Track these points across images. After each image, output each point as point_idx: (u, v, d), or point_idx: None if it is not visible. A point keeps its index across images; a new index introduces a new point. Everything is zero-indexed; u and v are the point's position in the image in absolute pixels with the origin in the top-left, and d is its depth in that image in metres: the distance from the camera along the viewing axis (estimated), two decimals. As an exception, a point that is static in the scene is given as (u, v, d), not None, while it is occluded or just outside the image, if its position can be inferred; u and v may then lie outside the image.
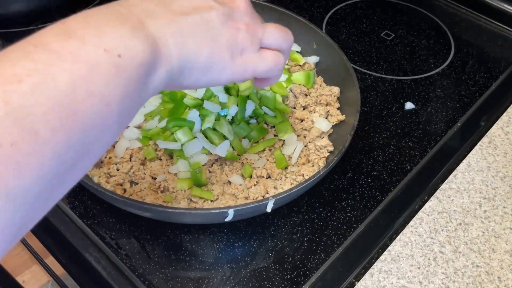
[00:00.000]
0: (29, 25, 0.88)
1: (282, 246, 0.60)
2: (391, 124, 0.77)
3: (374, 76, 0.86)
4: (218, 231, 0.61)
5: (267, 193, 0.62)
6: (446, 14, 1.02)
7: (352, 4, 1.02)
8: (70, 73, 0.29)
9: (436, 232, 0.62)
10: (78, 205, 0.63)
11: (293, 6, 1.00)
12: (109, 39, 0.31)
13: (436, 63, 0.90)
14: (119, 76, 0.31)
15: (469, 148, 0.74)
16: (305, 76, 0.76)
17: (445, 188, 0.68)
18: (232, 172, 0.64)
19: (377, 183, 0.68)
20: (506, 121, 0.78)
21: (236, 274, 0.57)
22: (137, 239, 0.60)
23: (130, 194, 0.60)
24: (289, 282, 0.57)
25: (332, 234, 0.62)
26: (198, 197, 0.61)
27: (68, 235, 0.60)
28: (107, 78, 0.30)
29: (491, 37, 0.97)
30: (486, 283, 0.58)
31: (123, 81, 0.32)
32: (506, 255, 0.60)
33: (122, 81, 0.32)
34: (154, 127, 0.66)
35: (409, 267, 0.58)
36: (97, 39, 0.31)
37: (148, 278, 0.56)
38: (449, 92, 0.84)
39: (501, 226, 0.64)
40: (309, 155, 0.67)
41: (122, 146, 0.65)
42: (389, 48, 0.92)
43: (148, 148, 0.64)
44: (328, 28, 0.96)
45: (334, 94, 0.73)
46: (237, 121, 0.67)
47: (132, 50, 0.32)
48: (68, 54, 0.29)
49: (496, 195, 0.67)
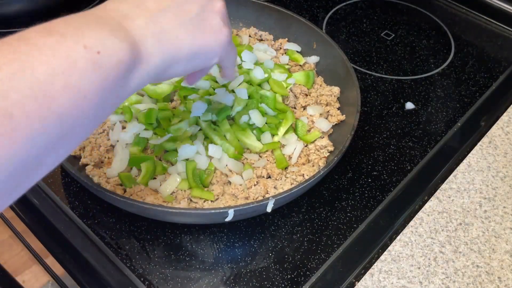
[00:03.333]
0: (29, 25, 0.88)
1: (282, 246, 0.60)
2: (391, 124, 0.77)
3: (374, 76, 0.86)
4: (218, 231, 0.61)
5: (267, 193, 0.62)
6: (446, 14, 1.02)
7: (352, 4, 1.02)
8: (48, 64, 0.30)
9: (436, 232, 0.62)
10: (78, 205, 0.63)
11: (293, 6, 1.00)
12: (89, 37, 0.33)
13: (436, 63, 0.90)
14: (97, 72, 0.33)
15: (469, 148, 0.74)
16: (305, 76, 0.76)
17: (445, 188, 0.68)
18: (232, 172, 0.64)
19: (377, 183, 0.68)
20: (506, 121, 0.78)
21: (236, 274, 0.57)
22: (137, 239, 0.60)
23: (130, 194, 0.60)
24: (289, 282, 0.57)
25: (332, 234, 0.62)
26: (198, 197, 0.61)
27: (68, 235, 0.60)
28: (85, 72, 0.32)
29: (491, 37, 0.97)
30: (486, 283, 0.58)
31: (101, 77, 0.33)
32: (506, 255, 0.60)
33: (100, 76, 0.33)
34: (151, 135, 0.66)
35: (409, 267, 0.58)
36: (77, 36, 0.32)
37: (148, 278, 0.56)
38: (449, 92, 0.84)
39: (501, 226, 0.64)
40: (309, 155, 0.67)
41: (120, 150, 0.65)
42: (389, 48, 0.92)
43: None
44: (328, 28, 0.96)
45: (334, 94, 0.73)
46: (238, 120, 0.67)
47: (110, 48, 0.34)
48: (48, 48, 0.31)
49: (496, 195, 0.67)
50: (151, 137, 0.65)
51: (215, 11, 0.44)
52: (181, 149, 0.63)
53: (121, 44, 0.35)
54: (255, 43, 0.82)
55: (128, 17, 0.37)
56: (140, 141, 0.65)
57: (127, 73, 0.36)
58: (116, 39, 0.34)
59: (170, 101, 0.71)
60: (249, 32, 0.83)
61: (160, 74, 0.40)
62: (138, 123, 0.66)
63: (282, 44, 0.82)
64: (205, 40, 0.43)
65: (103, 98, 0.34)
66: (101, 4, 0.38)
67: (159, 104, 0.70)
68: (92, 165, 0.63)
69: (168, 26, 0.40)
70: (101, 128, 0.67)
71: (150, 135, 0.65)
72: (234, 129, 0.67)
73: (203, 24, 0.43)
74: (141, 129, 0.66)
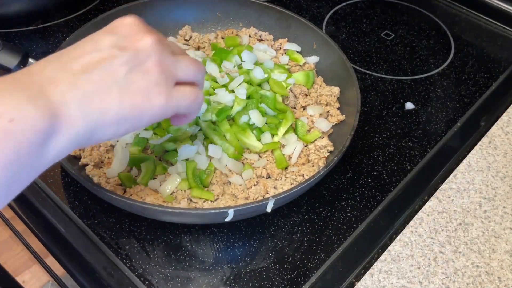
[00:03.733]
0: (29, 25, 0.88)
1: (282, 246, 0.60)
2: (391, 124, 0.77)
3: (374, 76, 0.86)
4: (218, 231, 0.61)
5: (267, 193, 0.62)
6: (446, 14, 1.02)
7: (352, 4, 1.02)
8: None
9: (436, 232, 0.62)
10: (78, 205, 0.63)
11: (293, 6, 1.00)
12: (3, 104, 0.32)
13: (436, 63, 0.90)
14: (9, 141, 0.32)
15: (469, 148, 0.74)
16: (305, 76, 0.76)
17: (445, 188, 0.68)
18: (232, 172, 0.64)
19: (377, 183, 0.68)
20: (506, 121, 0.78)
21: (236, 274, 0.57)
22: (137, 239, 0.60)
23: (130, 194, 0.60)
24: (289, 282, 0.57)
25: (332, 234, 0.62)
26: (198, 197, 0.61)
27: (68, 235, 0.60)
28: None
29: (491, 37, 0.97)
30: (486, 283, 0.58)
31: (13, 146, 0.32)
32: (506, 255, 0.60)
33: (11, 145, 0.32)
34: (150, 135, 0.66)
35: (409, 267, 0.58)
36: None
37: (148, 278, 0.56)
38: (449, 92, 0.84)
39: (501, 226, 0.64)
40: (309, 155, 0.67)
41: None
42: (389, 48, 0.92)
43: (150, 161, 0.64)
44: (328, 28, 0.96)
45: (334, 94, 0.73)
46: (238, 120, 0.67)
47: (25, 116, 0.33)
48: None
49: (496, 195, 0.67)
50: (151, 137, 0.65)
51: (146, 71, 0.40)
52: (181, 149, 0.63)
53: (37, 111, 0.33)
54: (255, 43, 0.82)
55: (51, 81, 0.36)
56: (140, 141, 0.65)
57: (45, 142, 0.34)
58: (32, 106, 0.33)
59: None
60: (249, 32, 0.83)
61: (85, 140, 0.38)
62: None
63: (282, 44, 0.82)
64: (133, 104, 0.39)
65: (16, 169, 0.32)
66: (27, 67, 0.37)
67: None
68: (92, 165, 0.63)
69: (93, 89, 0.37)
70: (101, 128, 0.67)
71: (150, 135, 0.65)
72: (234, 129, 0.67)
73: (132, 86, 0.39)
74: (141, 129, 0.66)
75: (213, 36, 0.83)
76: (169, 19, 0.83)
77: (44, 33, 0.87)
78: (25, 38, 0.86)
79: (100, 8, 0.94)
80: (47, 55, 0.39)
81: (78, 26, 0.87)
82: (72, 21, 0.89)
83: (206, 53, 0.81)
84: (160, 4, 0.81)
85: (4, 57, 0.67)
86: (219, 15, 0.85)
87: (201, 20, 0.85)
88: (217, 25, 0.85)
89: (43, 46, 0.84)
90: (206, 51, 0.81)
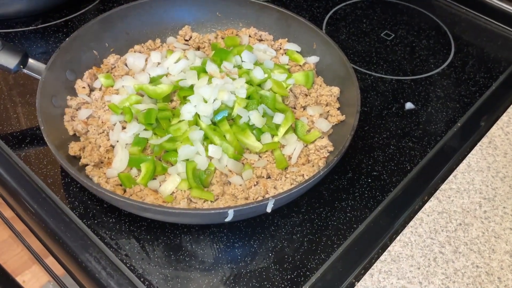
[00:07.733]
0: (29, 25, 0.88)
1: (282, 246, 0.60)
2: (391, 124, 0.77)
3: (374, 76, 0.86)
4: (218, 231, 0.61)
5: (267, 193, 0.62)
6: (446, 14, 1.02)
7: (352, 4, 1.02)
8: None
9: (436, 232, 0.62)
10: (78, 205, 0.63)
11: (293, 6, 1.00)
12: None
13: (436, 63, 0.90)
14: None
15: (469, 148, 0.74)
16: (305, 76, 0.76)
17: (445, 188, 0.68)
18: (232, 172, 0.64)
19: (377, 183, 0.68)
20: (506, 121, 0.78)
21: (236, 274, 0.57)
22: (137, 239, 0.60)
23: (130, 194, 0.60)
24: (289, 282, 0.57)
25: (332, 234, 0.62)
26: (198, 198, 0.61)
27: (68, 235, 0.60)
28: None
29: (491, 37, 0.97)
30: (486, 283, 0.58)
31: None
32: (506, 255, 0.60)
33: None
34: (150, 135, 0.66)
35: (409, 267, 0.58)
36: None
37: (148, 278, 0.56)
38: (449, 92, 0.84)
39: (501, 226, 0.64)
40: (309, 155, 0.67)
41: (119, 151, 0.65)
42: (389, 48, 0.92)
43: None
44: (328, 28, 0.96)
45: (334, 94, 0.73)
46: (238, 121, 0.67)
47: None
48: None
49: (496, 195, 0.67)
50: (151, 137, 0.65)
51: None
52: (181, 149, 0.63)
53: None
54: (255, 43, 0.82)
55: None
56: (140, 141, 0.65)
57: None
58: None
59: (170, 101, 0.71)
60: (249, 32, 0.83)
61: None
62: (138, 123, 0.66)
63: (282, 44, 0.82)
64: None
65: None
66: None
67: (159, 104, 0.70)
68: (92, 165, 0.63)
69: None
70: (101, 129, 0.67)
71: (150, 135, 0.65)
72: (234, 130, 0.67)
73: None
74: (141, 129, 0.66)
75: (213, 36, 0.83)
76: (169, 19, 0.83)
77: (44, 33, 0.87)
78: (25, 38, 0.86)
79: (100, 8, 0.94)
80: (47, 55, 0.39)
81: (78, 26, 0.87)
82: (72, 21, 0.89)
83: (206, 53, 0.81)
84: (160, 4, 0.81)
85: (4, 57, 0.67)
86: (219, 15, 0.85)
87: (201, 20, 0.85)
88: (217, 25, 0.85)
89: (43, 46, 0.84)
90: (206, 51, 0.81)
